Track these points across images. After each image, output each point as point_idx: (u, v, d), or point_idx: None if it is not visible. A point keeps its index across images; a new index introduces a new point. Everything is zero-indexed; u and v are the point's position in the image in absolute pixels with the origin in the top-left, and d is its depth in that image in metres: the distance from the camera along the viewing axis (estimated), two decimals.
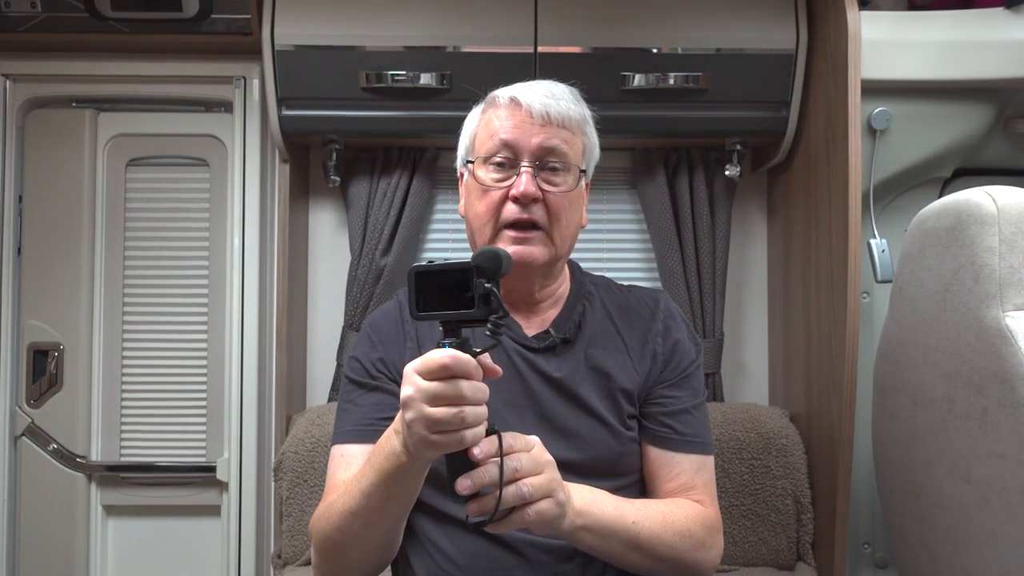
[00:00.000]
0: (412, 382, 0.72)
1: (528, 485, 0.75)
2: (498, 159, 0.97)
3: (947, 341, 1.01)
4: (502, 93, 1.00)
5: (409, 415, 0.72)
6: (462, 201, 1.06)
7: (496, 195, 0.97)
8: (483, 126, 1.01)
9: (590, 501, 0.86)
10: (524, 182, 0.94)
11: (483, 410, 0.72)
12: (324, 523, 0.90)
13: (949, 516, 1.05)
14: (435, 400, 0.70)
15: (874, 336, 1.48)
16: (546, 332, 1.02)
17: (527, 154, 0.96)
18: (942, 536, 1.07)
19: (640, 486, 1.03)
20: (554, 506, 0.77)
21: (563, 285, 1.07)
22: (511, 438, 0.77)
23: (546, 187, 0.96)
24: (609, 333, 1.04)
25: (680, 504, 0.96)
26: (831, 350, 1.43)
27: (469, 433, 0.71)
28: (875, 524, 1.58)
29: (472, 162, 1.01)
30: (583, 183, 1.02)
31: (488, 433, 0.74)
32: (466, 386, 0.70)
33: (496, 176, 0.97)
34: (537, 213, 0.96)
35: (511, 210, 0.96)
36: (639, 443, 1.03)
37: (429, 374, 0.71)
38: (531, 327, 1.03)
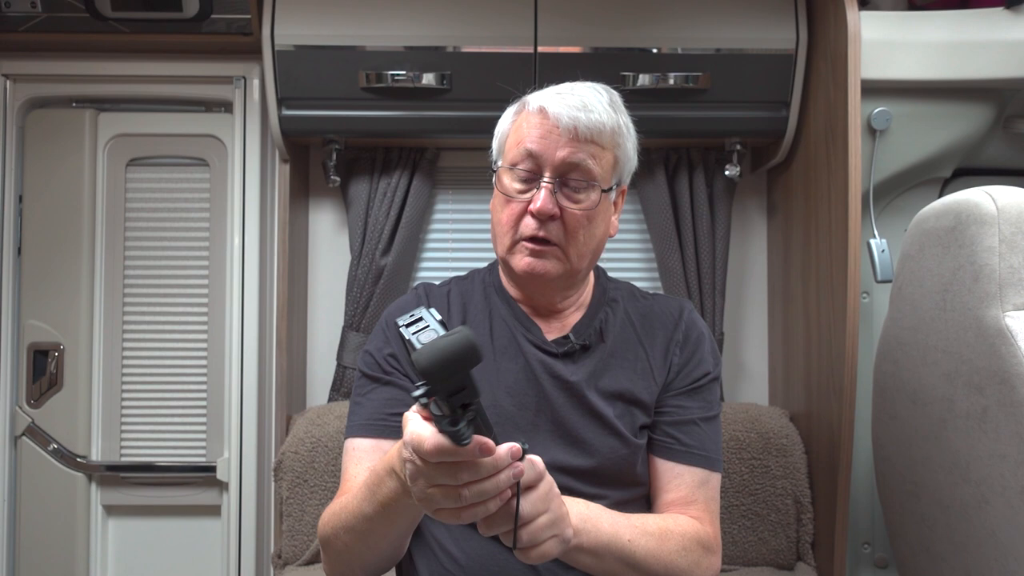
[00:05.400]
0: (408, 461, 0.68)
1: (528, 533, 0.71)
2: (522, 169, 0.96)
3: (947, 341, 1.01)
4: (534, 99, 0.98)
5: (414, 491, 0.69)
6: (492, 203, 1.04)
7: (517, 207, 0.96)
8: (513, 131, 0.99)
9: (586, 518, 0.83)
10: (542, 199, 0.93)
11: (485, 487, 0.65)
12: (329, 530, 0.91)
13: (949, 516, 1.05)
14: (434, 483, 0.66)
15: (874, 336, 1.48)
16: (566, 337, 1.02)
17: (550, 167, 0.94)
18: (942, 536, 1.07)
19: (650, 499, 1.03)
20: (558, 544, 0.74)
21: (586, 292, 1.07)
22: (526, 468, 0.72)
23: (566, 203, 0.95)
24: (630, 341, 1.03)
25: (677, 521, 0.95)
26: (831, 350, 1.44)
27: (467, 515, 0.66)
28: (875, 524, 1.58)
29: (498, 167, 1.01)
30: (612, 195, 1.00)
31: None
32: (461, 471, 0.64)
33: (519, 187, 0.97)
34: (553, 231, 0.94)
35: (528, 224, 0.95)
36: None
37: (423, 456, 0.65)
38: (551, 331, 1.03)
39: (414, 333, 0.61)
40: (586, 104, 0.94)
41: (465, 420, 0.61)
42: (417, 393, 0.60)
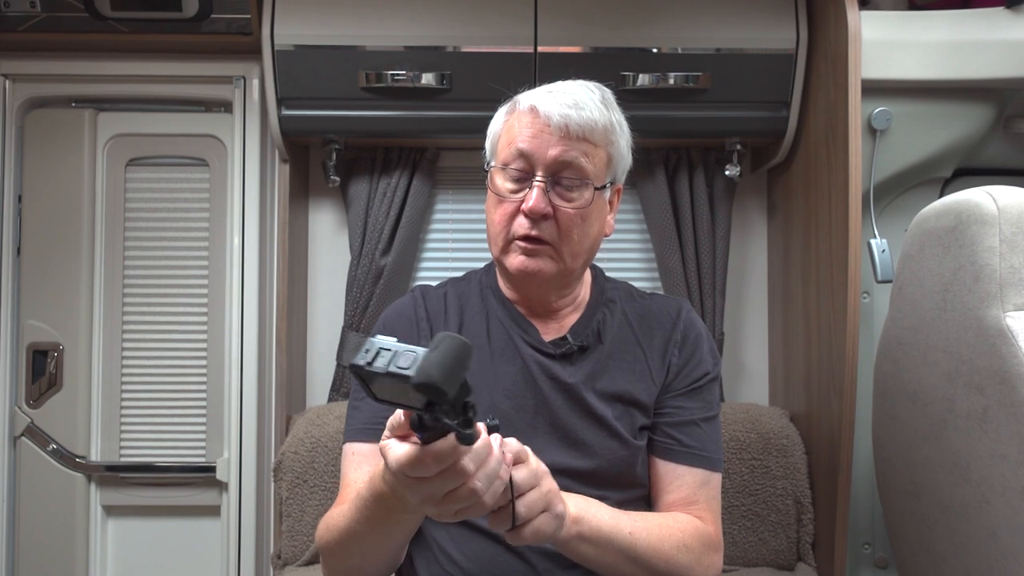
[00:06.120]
0: (410, 487, 0.67)
1: (524, 505, 0.73)
2: (514, 169, 0.95)
3: (947, 341, 1.01)
4: (525, 98, 0.97)
5: (430, 511, 0.69)
6: (486, 204, 1.04)
7: (510, 207, 0.95)
8: (505, 131, 0.99)
9: (584, 509, 0.84)
10: (534, 197, 0.92)
11: (491, 468, 0.67)
12: (324, 542, 0.91)
13: (949, 516, 1.04)
14: (445, 491, 0.66)
15: (874, 336, 1.48)
16: (563, 338, 1.01)
17: (542, 167, 0.93)
18: (942, 536, 1.07)
19: (649, 500, 1.02)
20: (552, 520, 0.76)
21: (583, 292, 1.06)
22: (507, 449, 0.73)
23: (559, 202, 0.94)
24: (628, 342, 1.03)
25: (678, 518, 0.95)
26: (831, 350, 1.43)
27: (488, 498, 0.67)
28: (875, 524, 1.58)
29: (491, 167, 1.00)
30: (607, 193, 0.99)
31: (491, 430, 0.70)
32: (467, 463, 0.65)
33: (511, 187, 0.96)
34: (546, 230, 0.93)
35: (521, 224, 0.94)
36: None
37: (419, 471, 0.65)
38: (549, 332, 1.02)
39: (390, 363, 0.58)
40: (577, 102, 0.93)
41: (466, 417, 0.61)
42: (428, 416, 0.59)
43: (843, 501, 1.40)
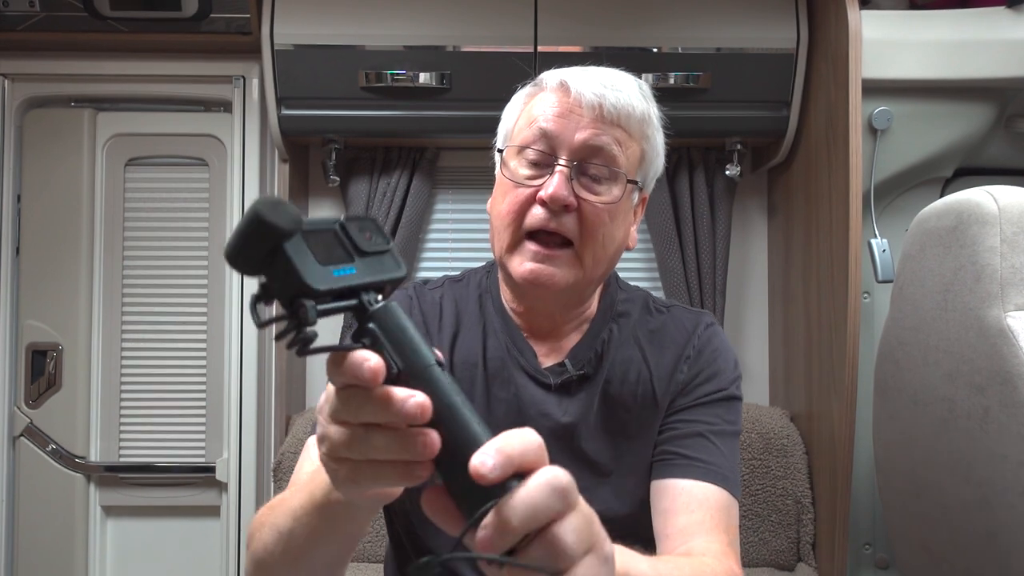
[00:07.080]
0: (328, 398, 0.49)
1: (570, 531, 0.42)
2: (533, 152, 0.80)
3: (948, 341, 1.01)
4: (552, 75, 0.83)
5: (319, 429, 0.50)
6: (492, 196, 0.87)
7: (524, 194, 0.79)
8: (525, 111, 0.84)
9: (625, 561, 0.61)
10: (555, 183, 0.76)
11: (378, 440, 0.43)
12: (256, 525, 0.70)
13: (950, 516, 1.04)
14: (337, 416, 0.46)
15: (875, 336, 1.48)
16: (562, 364, 0.86)
17: (566, 150, 0.78)
18: (943, 537, 1.07)
19: (650, 554, 0.78)
20: (599, 565, 0.45)
21: (591, 306, 0.90)
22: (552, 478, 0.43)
23: (584, 194, 0.78)
24: (634, 362, 0.88)
25: (705, 562, 0.75)
26: (832, 350, 1.43)
27: (385, 472, 0.44)
28: (876, 525, 1.58)
29: (505, 150, 0.84)
30: (636, 197, 0.84)
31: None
32: (362, 408, 0.44)
33: (528, 172, 0.80)
34: (567, 224, 0.78)
35: (537, 216, 0.78)
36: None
37: (329, 371, 0.46)
38: (548, 356, 0.88)
39: None
40: (615, 83, 0.81)
41: (297, 320, 0.45)
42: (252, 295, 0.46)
43: (843, 501, 1.40)
